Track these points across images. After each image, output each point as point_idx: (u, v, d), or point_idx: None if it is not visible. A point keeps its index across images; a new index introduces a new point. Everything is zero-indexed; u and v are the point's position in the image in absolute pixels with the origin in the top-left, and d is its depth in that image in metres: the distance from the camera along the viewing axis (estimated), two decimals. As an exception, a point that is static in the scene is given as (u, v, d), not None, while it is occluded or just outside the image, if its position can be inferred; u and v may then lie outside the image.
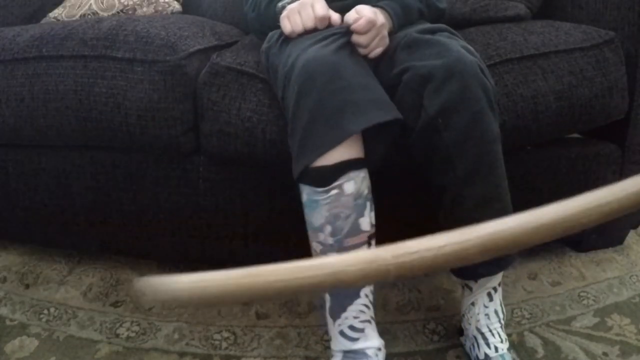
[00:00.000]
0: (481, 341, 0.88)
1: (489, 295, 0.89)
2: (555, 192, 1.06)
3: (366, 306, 0.83)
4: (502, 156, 0.82)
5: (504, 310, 0.91)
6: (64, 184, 1.08)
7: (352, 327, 0.82)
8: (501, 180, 0.82)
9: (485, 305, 0.89)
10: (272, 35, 0.94)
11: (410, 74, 0.80)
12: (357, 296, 0.82)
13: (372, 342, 0.83)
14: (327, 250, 0.79)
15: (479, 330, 0.88)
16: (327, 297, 0.83)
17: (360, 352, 0.82)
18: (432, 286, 1.12)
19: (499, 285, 0.90)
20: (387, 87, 0.84)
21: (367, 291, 0.83)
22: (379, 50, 0.87)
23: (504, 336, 0.88)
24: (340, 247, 0.79)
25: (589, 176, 1.06)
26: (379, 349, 0.84)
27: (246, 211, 1.04)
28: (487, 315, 0.88)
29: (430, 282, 1.12)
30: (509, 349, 0.88)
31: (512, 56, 0.96)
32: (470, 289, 0.90)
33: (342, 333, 0.82)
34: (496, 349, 0.86)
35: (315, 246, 0.81)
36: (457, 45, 0.80)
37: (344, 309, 0.82)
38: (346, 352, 0.83)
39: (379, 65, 0.89)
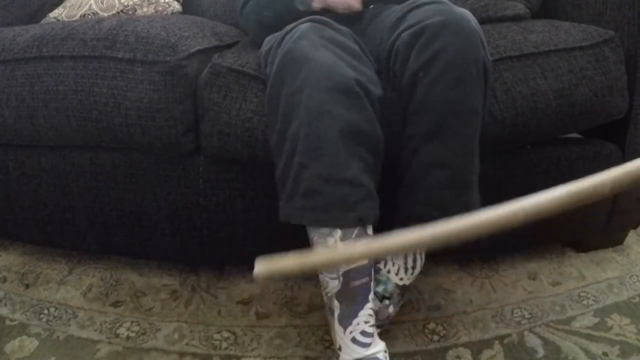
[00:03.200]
0: (381, 262, 0.91)
1: None
2: (555, 192, 1.06)
3: (373, 310, 0.82)
4: (477, 135, 0.83)
5: (416, 263, 0.92)
6: (64, 184, 1.08)
7: (364, 333, 0.80)
8: (464, 151, 0.82)
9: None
10: (270, 39, 0.93)
11: (408, 31, 0.82)
12: (367, 300, 0.81)
13: (380, 345, 0.82)
14: None
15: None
16: (336, 303, 0.81)
17: (373, 358, 0.81)
18: (432, 286, 1.12)
19: None
20: (391, 46, 0.85)
21: (372, 295, 0.82)
22: None
23: (402, 274, 0.91)
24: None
25: (589, 176, 1.06)
26: (385, 351, 0.83)
27: (246, 211, 1.04)
28: (385, 262, 0.91)
29: (430, 282, 1.12)
30: (399, 286, 0.91)
31: (512, 54, 0.96)
32: None
33: (354, 340, 0.80)
34: (388, 271, 0.90)
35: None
36: (464, 11, 0.81)
37: (355, 315, 0.80)
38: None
39: (386, 29, 0.91)
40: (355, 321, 0.80)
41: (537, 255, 1.20)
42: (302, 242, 0.84)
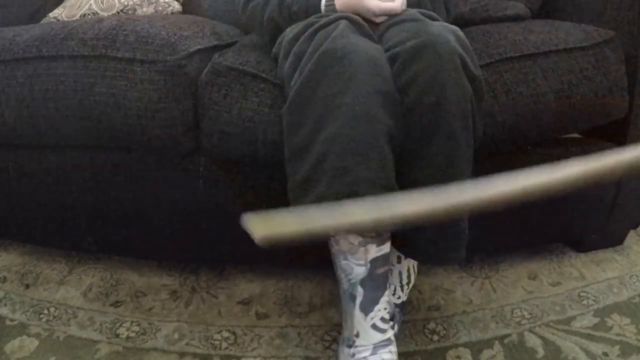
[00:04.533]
0: None
1: (398, 257, 0.93)
2: (555, 192, 1.07)
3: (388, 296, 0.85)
4: (459, 157, 0.79)
5: (410, 278, 0.95)
6: (64, 184, 1.08)
7: (383, 319, 0.82)
8: (445, 175, 0.79)
9: (391, 264, 0.93)
10: (293, 29, 0.90)
11: (386, 54, 0.81)
12: (387, 287, 0.83)
13: (391, 330, 0.85)
14: (367, 242, 0.80)
15: None
16: (359, 290, 0.82)
17: (388, 340, 0.83)
18: (432, 286, 1.12)
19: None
20: None
21: (389, 282, 0.85)
22: None
23: (399, 292, 0.94)
24: (380, 238, 0.81)
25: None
26: (395, 335, 0.87)
27: (246, 211, 1.04)
28: (390, 270, 0.93)
29: (430, 282, 1.12)
30: (398, 305, 0.94)
31: (512, 55, 0.96)
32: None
33: (374, 326, 0.82)
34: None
35: (352, 239, 0.80)
36: (441, 29, 0.79)
37: (377, 301, 0.82)
38: (376, 344, 0.82)
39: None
40: (377, 307, 0.82)
41: (537, 255, 1.20)
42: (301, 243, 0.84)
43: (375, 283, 0.82)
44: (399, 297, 0.95)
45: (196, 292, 1.12)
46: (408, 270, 0.95)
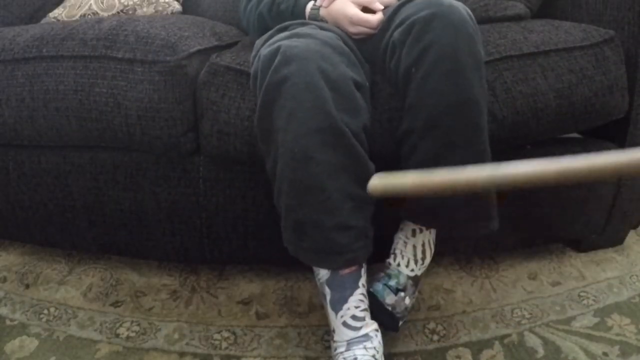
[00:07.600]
0: (391, 257, 0.93)
1: (413, 231, 0.93)
2: (555, 191, 1.06)
3: (364, 295, 0.85)
4: (479, 124, 0.81)
5: (425, 253, 0.93)
6: (64, 184, 1.08)
7: (354, 317, 0.84)
8: (465, 144, 0.80)
9: (406, 236, 0.93)
10: (259, 43, 0.92)
11: (398, 29, 0.81)
12: (357, 286, 0.84)
13: (371, 326, 0.85)
14: None
15: (393, 249, 0.94)
16: (327, 289, 0.85)
17: (363, 336, 0.84)
18: (432, 286, 1.12)
19: (429, 233, 0.93)
20: (385, 45, 0.85)
21: (363, 281, 0.85)
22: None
23: (412, 265, 0.92)
24: None
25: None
26: (377, 330, 0.86)
27: (246, 211, 1.04)
28: (405, 243, 0.93)
29: (430, 282, 1.12)
30: (411, 277, 0.92)
31: (512, 53, 0.96)
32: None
33: (345, 324, 0.84)
34: (398, 264, 0.92)
35: None
36: (454, 2, 0.79)
37: (345, 300, 0.83)
38: (349, 341, 0.84)
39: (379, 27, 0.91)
40: (345, 306, 0.83)
41: (537, 255, 1.20)
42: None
43: (341, 283, 0.84)
44: (412, 270, 0.93)
45: (196, 292, 1.12)
46: (423, 245, 0.93)
